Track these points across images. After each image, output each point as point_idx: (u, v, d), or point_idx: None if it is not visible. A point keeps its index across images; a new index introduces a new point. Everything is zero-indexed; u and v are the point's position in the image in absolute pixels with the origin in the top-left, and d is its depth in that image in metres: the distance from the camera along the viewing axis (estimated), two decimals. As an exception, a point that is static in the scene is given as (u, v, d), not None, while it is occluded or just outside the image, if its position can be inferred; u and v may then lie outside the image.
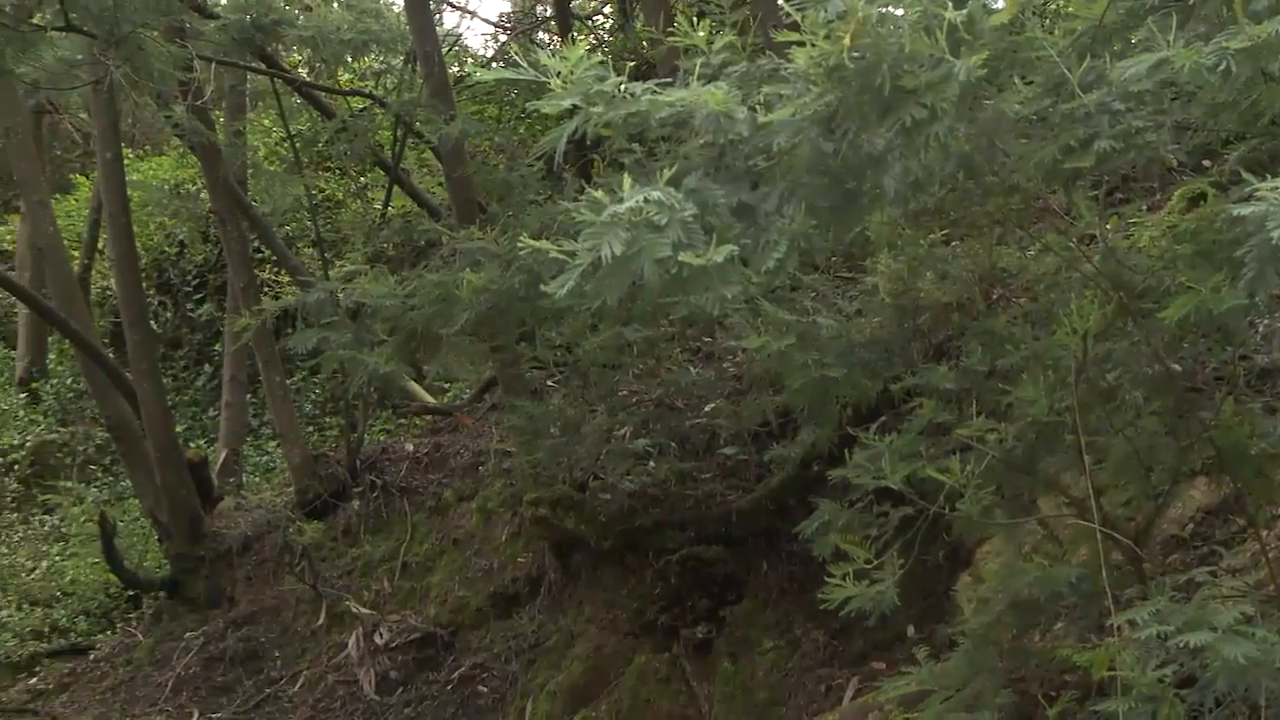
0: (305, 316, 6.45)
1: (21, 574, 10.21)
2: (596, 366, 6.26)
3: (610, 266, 2.49)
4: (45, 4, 7.20)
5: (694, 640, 5.78)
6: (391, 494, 8.42)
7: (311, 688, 7.31)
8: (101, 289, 13.41)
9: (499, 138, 8.94)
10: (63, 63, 7.70)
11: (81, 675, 8.50)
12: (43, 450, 12.27)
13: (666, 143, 3.42)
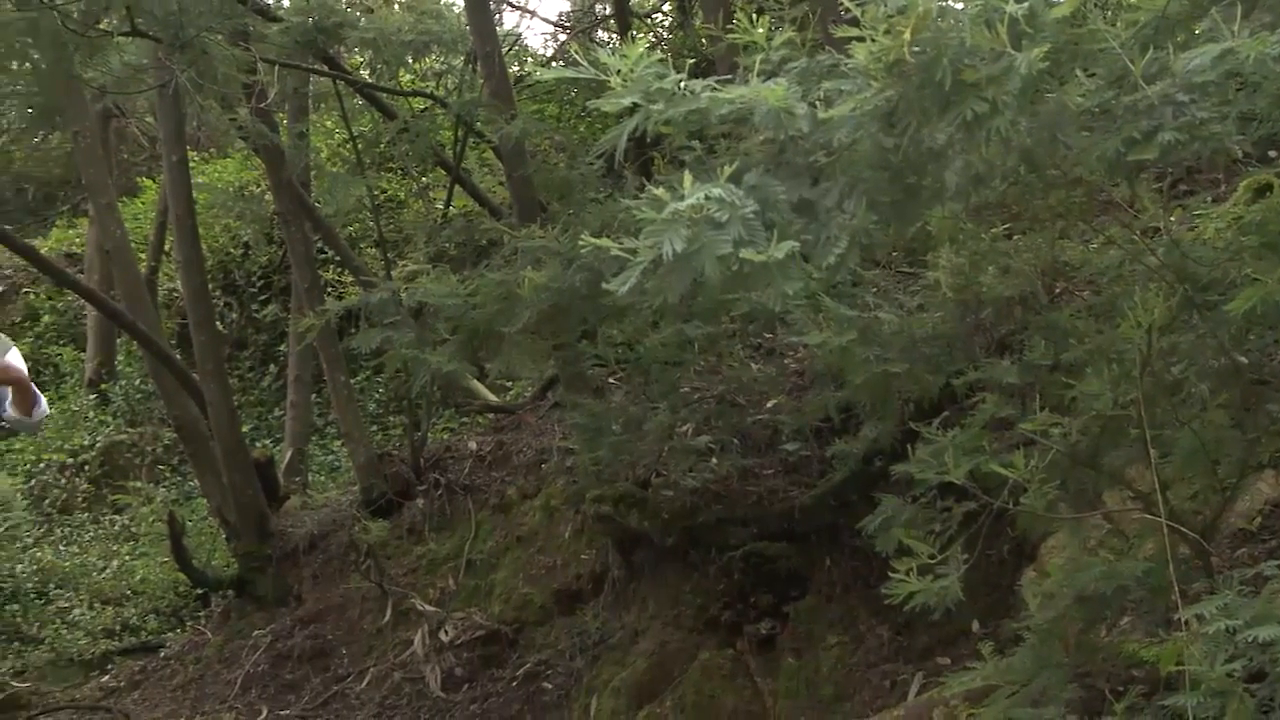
0: (368, 316, 6.49)
1: (93, 573, 10.32)
2: (658, 364, 6.26)
3: (671, 264, 2.50)
4: (112, 10, 7.28)
5: (758, 636, 5.77)
6: (455, 492, 8.44)
7: (378, 685, 7.34)
8: (168, 291, 13.53)
9: (559, 136, 8.97)
10: (129, 67, 7.79)
11: (152, 673, 8.58)
12: (112, 451, 12.40)
13: (726, 139, 3.42)
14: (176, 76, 7.14)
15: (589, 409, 6.31)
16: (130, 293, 9.05)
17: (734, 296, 3.53)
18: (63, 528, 11.43)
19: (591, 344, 6.38)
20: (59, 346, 14.34)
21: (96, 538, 11.15)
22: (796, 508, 5.98)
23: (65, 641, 9.32)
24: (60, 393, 13.55)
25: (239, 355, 13.30)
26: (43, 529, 11.34)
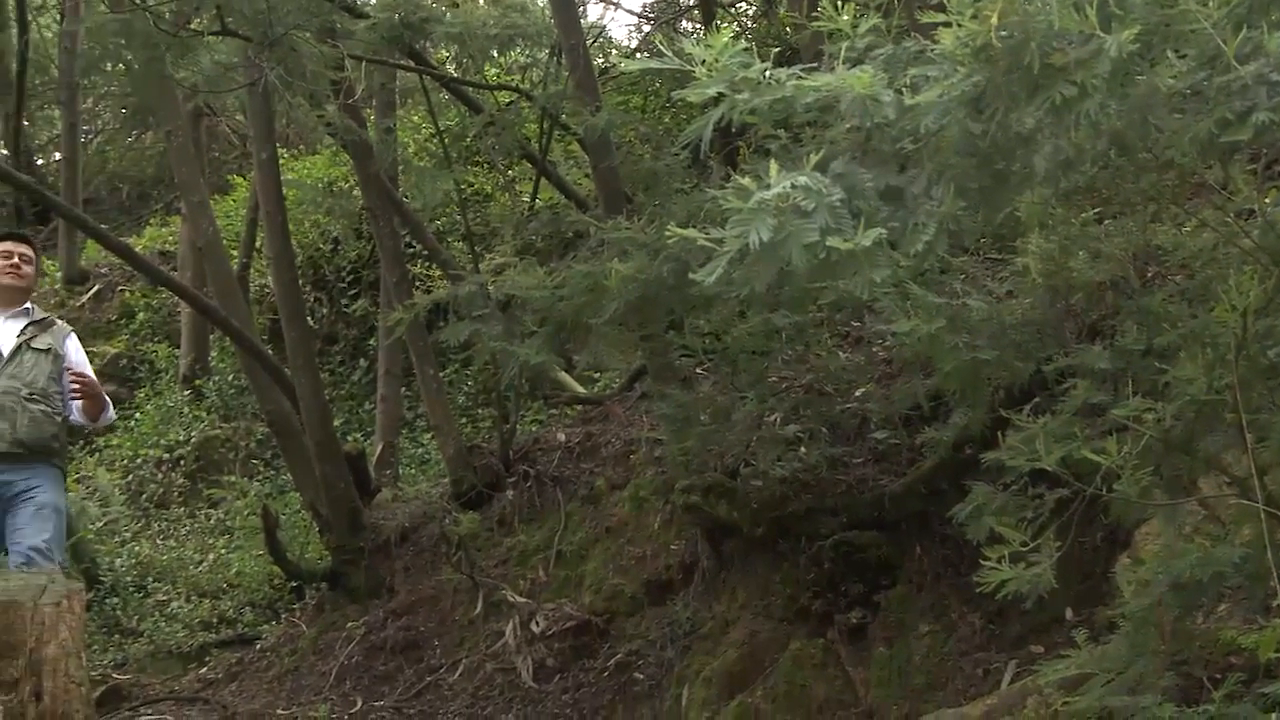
0: (457, 310, 6.54)
1: (190, 566, 10.47)
2: (745, 353, 6.25)
3: (758, 253, 2.50)
4: (203, 10, 7.38)
5: (848, 625, 5.76)
6: (544, 483, 8.47)
7: (470, 676, 7.38)
8: (260, 287, 13.69)
9: (644, 128, 8.97)
10: (220, 67, 7.88)
11: (249, 665, 8.68)
12: (207, 446, 12.57)
13: (812, 128, 3.41)
14: (266, 74, 7.23)
15: (677, 399, 6.32)
16: (223, 289, 9.15)
17: (821, 285, 3.52)
18: (160, 522, 11.61)
19: (679, 334, 6.38)
20: (154, 343, 14.55)
21: (193, 532, 11.31)
22: (886, 496, 5.96)
23: (164, 634, 9.45)
24: (155, 389, 13.76)
25: (329, 350, 13.41)
26: (140, 523, 11.53)
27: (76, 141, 13.12)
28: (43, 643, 3.72)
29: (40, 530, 6.08)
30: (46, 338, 6.32)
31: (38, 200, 12.71)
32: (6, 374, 6.15)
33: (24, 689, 3.64)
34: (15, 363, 6.19)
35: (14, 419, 6.07)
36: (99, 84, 14.20)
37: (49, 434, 6.18)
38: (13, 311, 6.35)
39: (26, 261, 6.42)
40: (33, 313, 6.44)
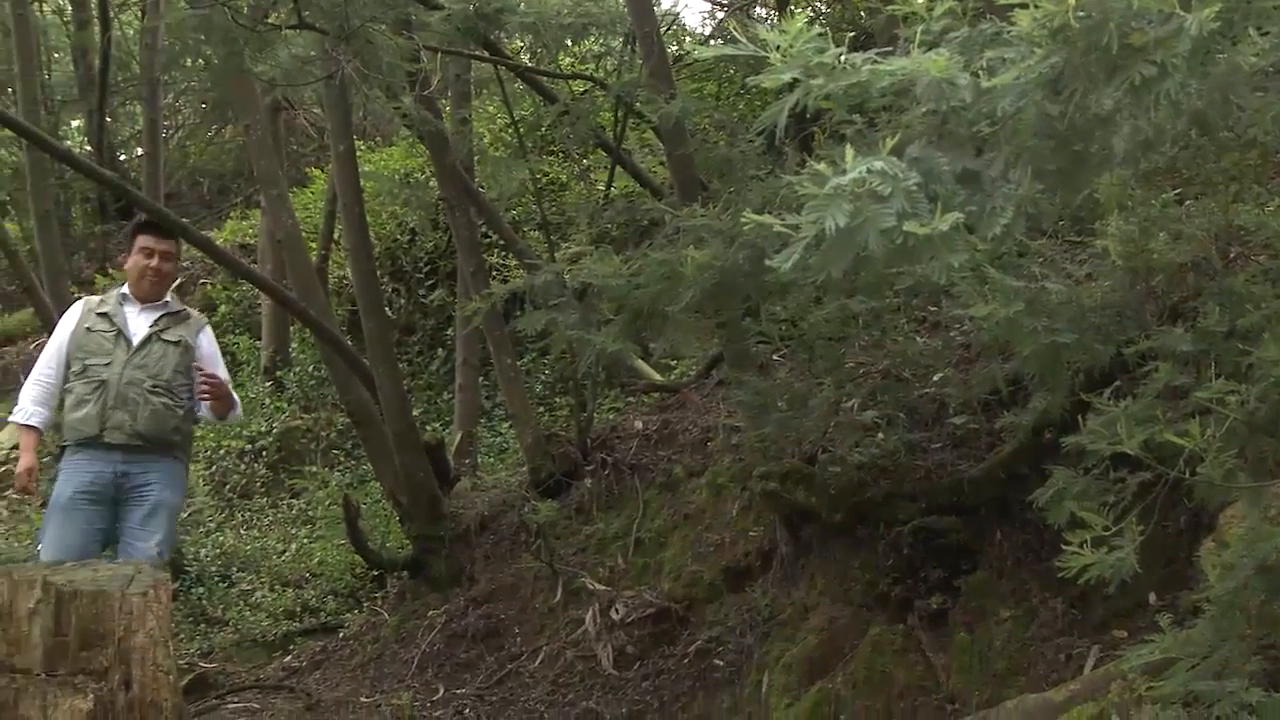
0: (533, 299, 6.56)
1: (273, 556, 10.58)
2: (822, 339, 6.24)
3: (834, 239, 2.50)
4: (280, 4, 7.45)
5: (928, 611, 5.73)
6: (622, 471, 8.49)
7: (551, 663, 7.42)
8: (339, 278, 13.80)
9: (719, 115, 8.95)
10: (297, 60, 7.94)
11: (332, 653, 8.77)
12: (288, 436, 12.70)
13: (888, 112, 3.40)
14: (343, 67, 7.29)
15: (754, 386, 6.31)
16: (302, 281, 9.23)
17: (898, 270, 3.50)
18: (243, 512, 11.74)
19: (755, 321, 6.38)
20: (235, 335, 14.70)
21: (275, 521, 11.43)
22: (965, 481, 5.92)
23: (249, 623, 9.57)
24: (237, 380, 13.91)
25: (408, 340, 13.49)
26: (224, 514, 11.66)
27: (158, 137, 13.27)
28: (131, 632, 3.78)
29: (151, 533, 6.14)
30: (179, 330, 6.38)
31: (121, 195, 12.86)
32: (133, 364, 6.21)
33: (113, 677, 3.70)
34: (143, 353, 6.25)
35: (135, 410, 6.13)
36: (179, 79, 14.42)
37: (170, 427, 6.24)
38: (149, 304, 6.41)
39: (167, 259, 6.47)
40: (170, 305, 6.48)
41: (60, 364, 6.33)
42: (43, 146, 9.77)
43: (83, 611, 3.75)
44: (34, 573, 3.84)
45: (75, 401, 6.21)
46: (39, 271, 10.56)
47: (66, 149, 10.85)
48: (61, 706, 3.58)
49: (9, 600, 3.71)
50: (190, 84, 16.90)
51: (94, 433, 6.14)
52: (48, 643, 3.70)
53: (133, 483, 6.16)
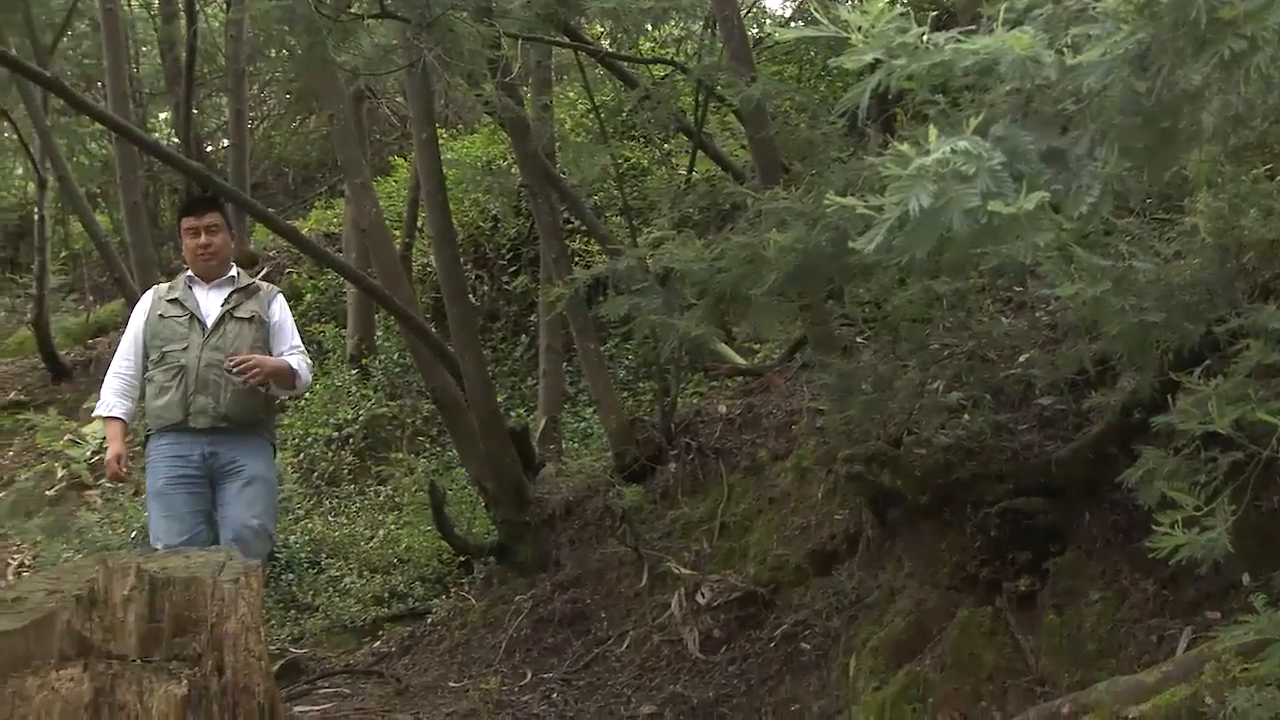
0: (616, 284, 6.59)
1: (361, 542, 10.68)
2: (906, 321, 6.20)
3: (918, 219, 2.49)
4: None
5: (1017, 593, 5.68)
6: (707, 456, 8.49)
7: (638, 647, 7.44)
8: (422, 266, 13.90)
9: (800, 97, 8.91)
10: (379, 49, 8.01)
11: (420, 638, 8.83)
12: (374, 424, 12.82)
13: (971, 92, 3.38)
14: (424, 56, 7.34)
15: (838, 369, 6.29)
16: (386, 269, 9.29)
17: (983, 250, 3.49)
18: (331, 499, 11.86)
19: (838, 303, 6.35)
20: (321, 324, 14.85)
21: (363, 508, 11.53)
22: (1053, 462, 5.87)
23: (338, 609, 9.66)
24: (324, 369, 14.06)
25: (491, 326, 13.57)
26: (312, 501, 11.79)
27: (243, 128, 13.45)
28: (223, 618, 3.82)
29: (249, 505, 6.21)
30: (251, 304, 6.40)
31: (207, 186, 13.01)
32: (210, 346, 6.24)
33: (207, 663, 3.74)
34: (219, 334, 6.29)
35: (218, 393, 6.18)
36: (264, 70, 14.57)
37: (255, 405, 6.30)
38: (216, 281, 6.43)
39: (214, 232, 6.43)
40: (238, 279, 6.49)
41: (138, 354, 6.40)
42: (131, 139, 9.92)
43: (176, 598, 3.80)
44: (128, 560, 3.89)
45: (156, 390, 6.27)
46: (129, 263, 10.73)
47: (154, 141, 11.03)
48: (157, 692, 3.62)
49: (104, 587, 3.77)
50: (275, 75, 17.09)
51: (178, 419, 6.21)
52: (142, 629, 3.74)
53: (222, 461, 6.22)
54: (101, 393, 6.50)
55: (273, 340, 6.45)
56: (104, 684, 3.58)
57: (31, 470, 14.65)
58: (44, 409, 16.26)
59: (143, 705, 3.59)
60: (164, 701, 3.60)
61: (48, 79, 8.17)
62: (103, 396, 6.46)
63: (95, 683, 3.57)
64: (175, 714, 3.60)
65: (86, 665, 3.61)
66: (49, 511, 13.42)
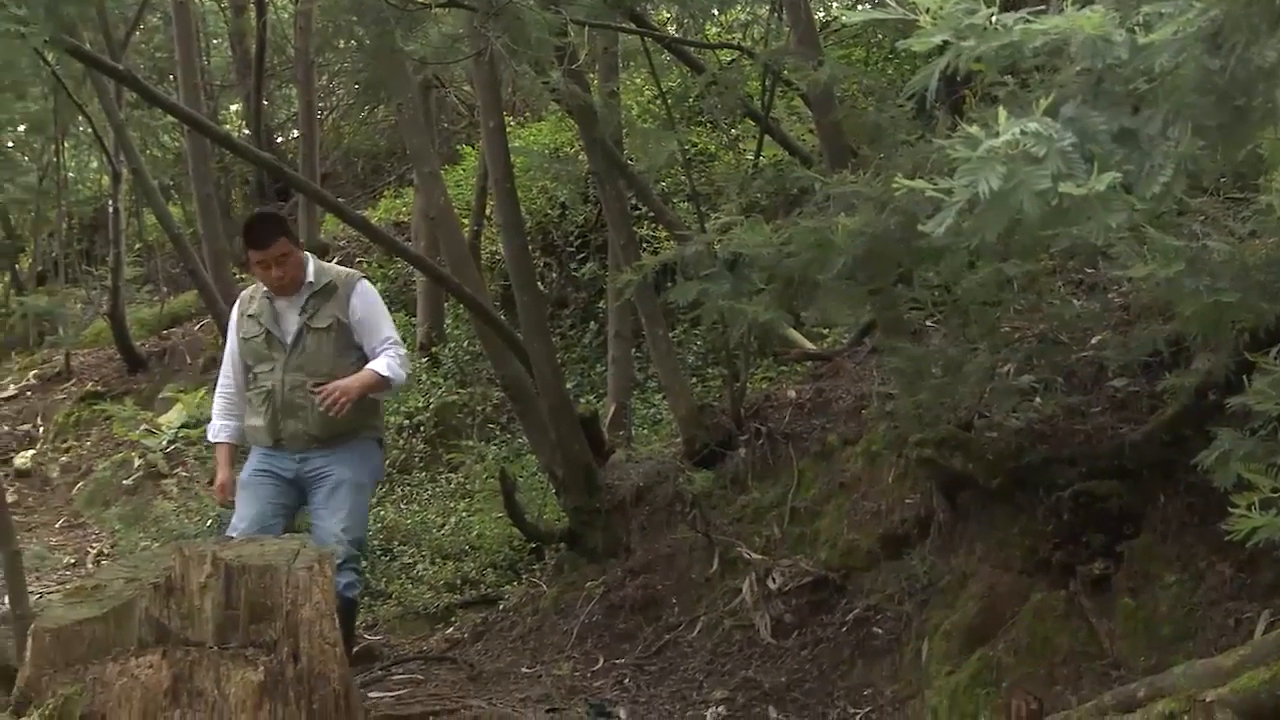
0: (684, 270, 6.58)
1: (433, 530, 10.73)
2: (976, 304, 6.16)
3: (988, 202, 2.49)
4: (430, -19, 7.54)
5: (1091, 577, 5.64)
6: (776, 441, 8.47)
7: (709, 633, 7.45)
8: (491, 254, 13.94)
9: (867, 80, 8.87)
10: (447, 38, 8.03)
11: (493, 624, 8.86)
12: (445, 411, 12.87)
13: (1041, 72, 3.36)
14: (491, 44, 7.35)
15: (907, 353, 6.27)
16: (455, 257, 9.33)
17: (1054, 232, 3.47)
18: (403, 487, 11.92)
19: (908, 287, 6.32)
20: (391, 312, 14.85)
21: (434, 496, 11.59)
22: (1126, 444, 5.82)
23: (411, 596, 9.71)
24: (394, 357, 14.12)
25: (560, 314, 13.59)
26: (384, 489, 11.85)
27: (313, 118, 13.56)
28: (298, 605, 3.88)
29: (334, 512, 6.13)
30: (329, 308, 6.23)
31: (278, 177, 13.13)
32: (291, 366, 6.14)
33: (282, 650, 3.80)
34: (298, 352, 6.16)
35: (305, 415, 6.10)
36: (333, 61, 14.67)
37: (347, 419, 6.08)
38: (291, 296, 6.26)
39: (284, 261, 6.13)
40: (314, 284, 6.28)
41: (236, 370, 6.37)
42: (203, 131, 10.02)
43: (251, 586, 3.86)
44: (204, 548, 3.95)
45: (252, 411, 6.26)
46: (202, 253, 10.84)
47: (226, 133, 11.14)
48: (234, 678, 3.68)
49: (181, 575, 3.83)
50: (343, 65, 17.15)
51: (269, 444, 6.21)
52: (218, 616, 3.81)
53: (312, 466, 6.18)
54: (212, 413, 6.57)
55: (360, 339, 6.30)
56: (182, 670, 3.65)
57: (109, 460, 14.88)
58: (120, 399, 16.50)
59: (220, 692, 3.65)
60: (241, 688, 3.66)
61: (121, 73, 8.25)
62: (213, 418, 6.54)
63: (174, 669, 3.64)
64: (252, 700, 3.66)
65: (165, 652, 3.68)
66: (126, 500, 13.62)
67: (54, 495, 14.85)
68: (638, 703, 6.93)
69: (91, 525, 13.40)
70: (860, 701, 6.31)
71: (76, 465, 15.40)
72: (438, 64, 9.97)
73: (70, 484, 14.92)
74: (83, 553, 12.23)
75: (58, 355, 18.75)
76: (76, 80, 15.44)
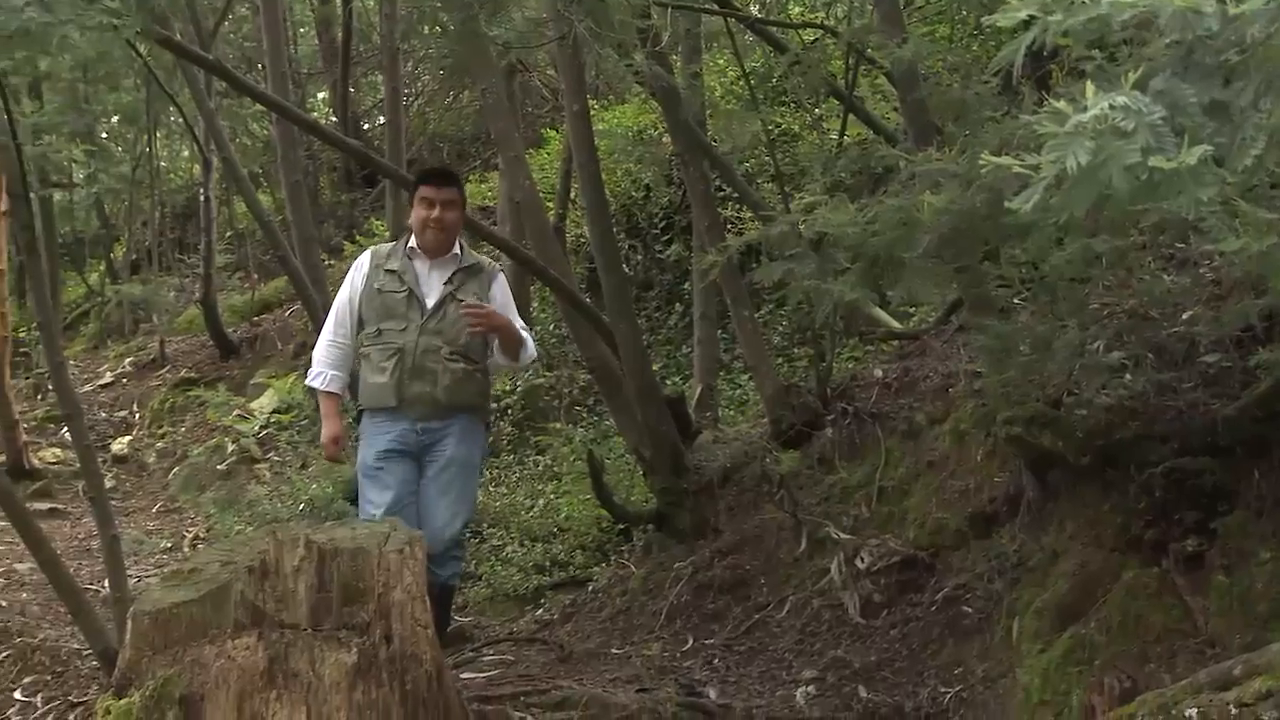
0: (769, 250, 6.59)
1: (521, 512, 10.81)
2: (1065, 281, 6.11)
3: (1076, 177, 2.47)
4: (513, -33, 7.57)
5: (1184, 554, 5.59)
6: (863, 420, 8.46)
7: (798, 612, 7.46)
8: (576, 237, 13.98)
9: (952, 57, 8.81)
10: (530, 22, 8.07)
11: (582, 605, 8.92)
12: (532, 395, 12.94)
13: (1129, 46, 3.33)
14: (575, 27, 7.38)
15: (995, 330, 6.23)
16: (540, 241, 9.36)
17: (1143, 207, 3.43)
18: (491, 470, 12.00)
19: (994, 265, 6.28)
20: (477, 296, 15.00)
21: (522, 478, 11.67)
22: (1219, 420, 5.76)
23: (501, 578, 9.78)
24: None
25: (645, 296, 13.62)
26: (474, 472, 11.96)
27: (399, 105, 13.60)
28: (389, 588, 3.93)
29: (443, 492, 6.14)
30: (473, 285, 6.27)
31: (365, 163, 13.26)
32: (428, 330, 6.13)
33: (375, 632, 3.85)
34: (438, 317, 6.16)
35: (435, 379, 6.08)
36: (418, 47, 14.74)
37: (471, 391, 6.20)
38: (440, 259, 6.28)
39: (450, 207, 6.21)
40: (462, 258, 6.34)
41: (353, 322, 6.27)
42: (291, 119, 10.12)
43: (344, 568, 3.92)
44: (297, 532, 4.01)
45: (372, 368, 6.16)
46: (291, 240, 10.95)
47: (313, 120, 11.24)
48: (328, 660, 3.74)
49: (275, 558, 3.89)
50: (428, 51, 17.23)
51: (393, 404, 6.12)
52: (312, 599, 3.87)
53: (430, 439, 6.15)
54: (313, 359, 6.42)
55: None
56: (278, 652, 3.71)
57: (203, 445, 15.11)
58: (213, 385, 16.77)
59: (315, 673, 3.71)
60: (335, 669, 3.72)
61: (211, 63, 8.35)
62: (315, 364, 6.37)
63: (269, 651, 3.70)
64: (346, 681, 3.72)
65: (261, 634, 3.75)
66: (220, 485, 13.83)
67: (150, 480, 15.11)
68: (727, 682, 6.95)
69: (187, 510, 13.61)
70: (951, 680, 6.29)
71: (171, 451, 15.66)
72: (522, 48, 10.00)
73: (166, 469, 15.18)
74: (179, 537, 12.43)
75: (152, 342, 19.07)
76: (168, 71, 15.66)
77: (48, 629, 8.68)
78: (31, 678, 8.10)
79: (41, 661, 8.14)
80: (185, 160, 24.47)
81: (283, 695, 3.67)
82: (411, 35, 11.19)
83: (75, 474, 13.48)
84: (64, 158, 19.09)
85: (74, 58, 9.13)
